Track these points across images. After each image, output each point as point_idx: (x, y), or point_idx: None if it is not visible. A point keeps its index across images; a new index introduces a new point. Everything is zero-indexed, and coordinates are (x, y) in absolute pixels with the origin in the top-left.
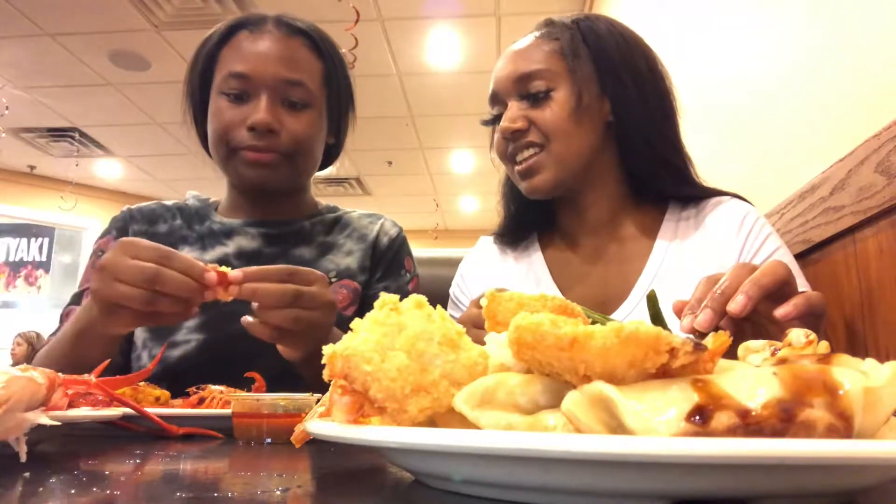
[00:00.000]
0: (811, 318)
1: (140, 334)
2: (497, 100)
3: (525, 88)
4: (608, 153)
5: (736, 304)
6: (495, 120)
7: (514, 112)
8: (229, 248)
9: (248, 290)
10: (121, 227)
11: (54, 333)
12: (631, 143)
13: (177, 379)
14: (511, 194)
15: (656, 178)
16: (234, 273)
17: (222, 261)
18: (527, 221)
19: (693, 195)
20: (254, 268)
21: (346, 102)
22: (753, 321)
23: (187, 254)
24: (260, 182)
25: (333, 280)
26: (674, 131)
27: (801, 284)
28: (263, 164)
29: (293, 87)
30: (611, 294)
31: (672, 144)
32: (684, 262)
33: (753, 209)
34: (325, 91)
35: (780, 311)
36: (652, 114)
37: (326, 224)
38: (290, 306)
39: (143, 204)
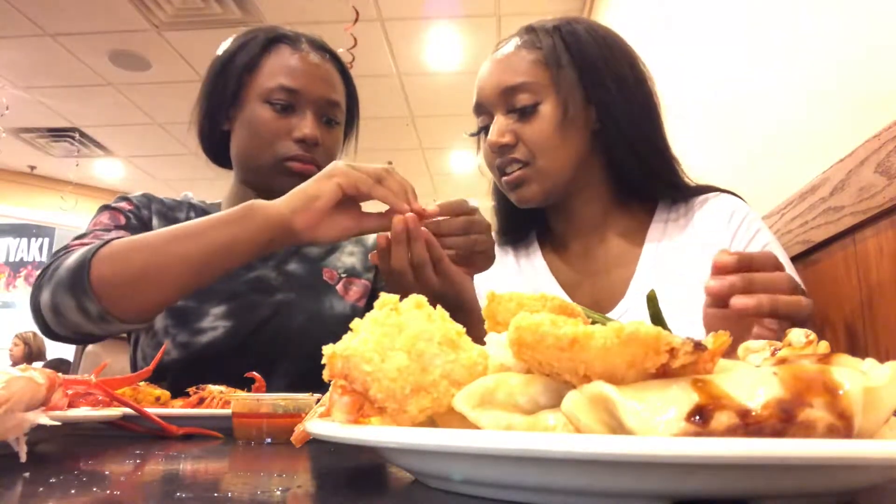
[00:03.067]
0: (787, 323)
1: (161, 321)
2: (482, 110)
3: (511, 102)
4: (595, 158)
5: (743, 302)
6: (481, 130)
7: (502, 126)
8: None
9: (433, 225)
10: (143, 202)
11: (94, 240)
12: (617, 148)
13: (203, 365)
14: (501, 198)
15: (644, 180)
16: (431, 207)
17: None
18: (521, 221)
19: (682, 198)
20: (441, 203)
21: (354, 123)
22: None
23: None
24: None
25: (343, 276)
26: (659, 133)
27: None
28: (307, 175)
29: (332, 106)
30: (607, 294)
31: (657, 147)
32: (675, 262)
33: (743, 203)
34: (346, 112)
35: (739, 302)
36: (636, 117)
37: None
38: (465, 233)
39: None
